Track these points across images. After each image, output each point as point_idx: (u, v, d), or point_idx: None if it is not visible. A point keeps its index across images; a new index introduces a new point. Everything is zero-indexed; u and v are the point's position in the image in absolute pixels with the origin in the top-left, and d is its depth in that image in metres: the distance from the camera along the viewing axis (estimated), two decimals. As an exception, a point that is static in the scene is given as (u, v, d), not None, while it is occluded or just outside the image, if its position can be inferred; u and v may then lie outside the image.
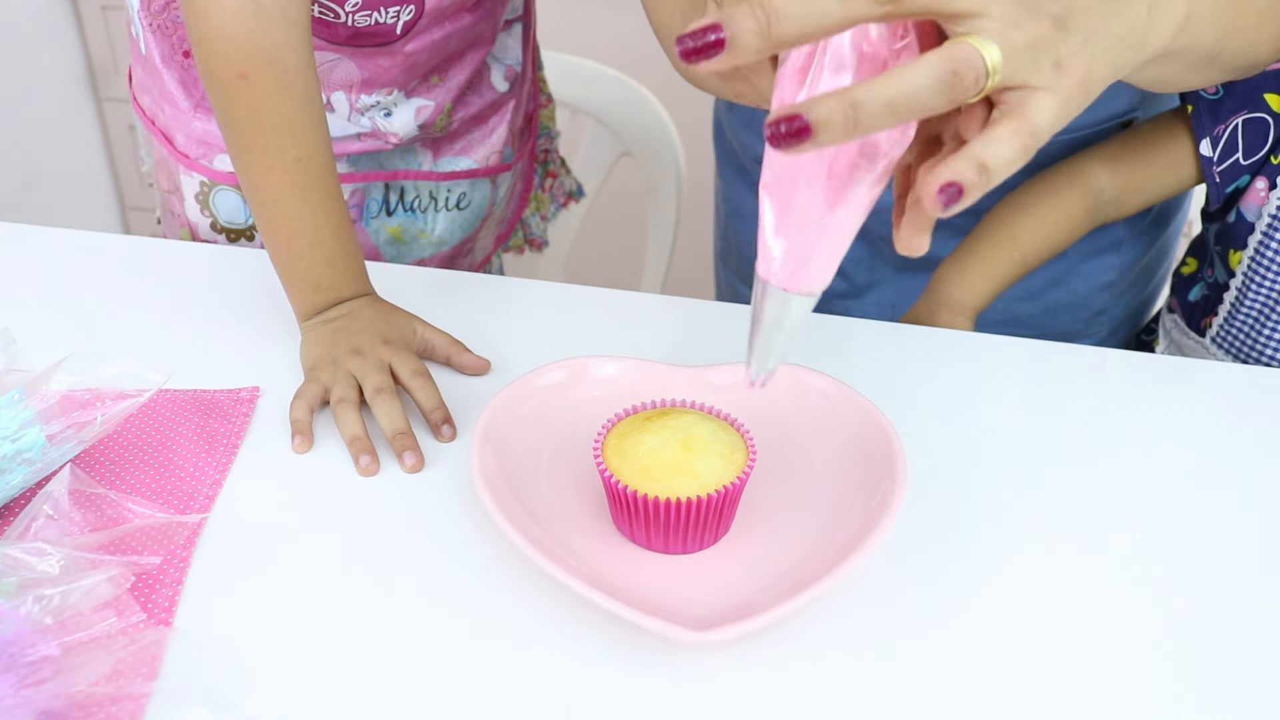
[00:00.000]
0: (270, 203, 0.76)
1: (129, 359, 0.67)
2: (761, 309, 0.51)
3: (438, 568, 0.62)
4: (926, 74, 0.42)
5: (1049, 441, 0.72)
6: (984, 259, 0.89)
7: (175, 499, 0.65)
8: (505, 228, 1.16)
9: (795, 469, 0.66)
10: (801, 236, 0.49)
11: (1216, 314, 0.88)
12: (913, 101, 0.42)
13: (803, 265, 0.49)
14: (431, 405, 0.72)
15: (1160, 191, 0.89)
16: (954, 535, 0.64)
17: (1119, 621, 0.59)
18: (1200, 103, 0.85)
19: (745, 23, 0.42)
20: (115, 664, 0.54)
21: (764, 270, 0.50)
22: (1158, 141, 0.88)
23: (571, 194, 1.24)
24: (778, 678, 0.55)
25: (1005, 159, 0.45)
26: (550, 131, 1.18)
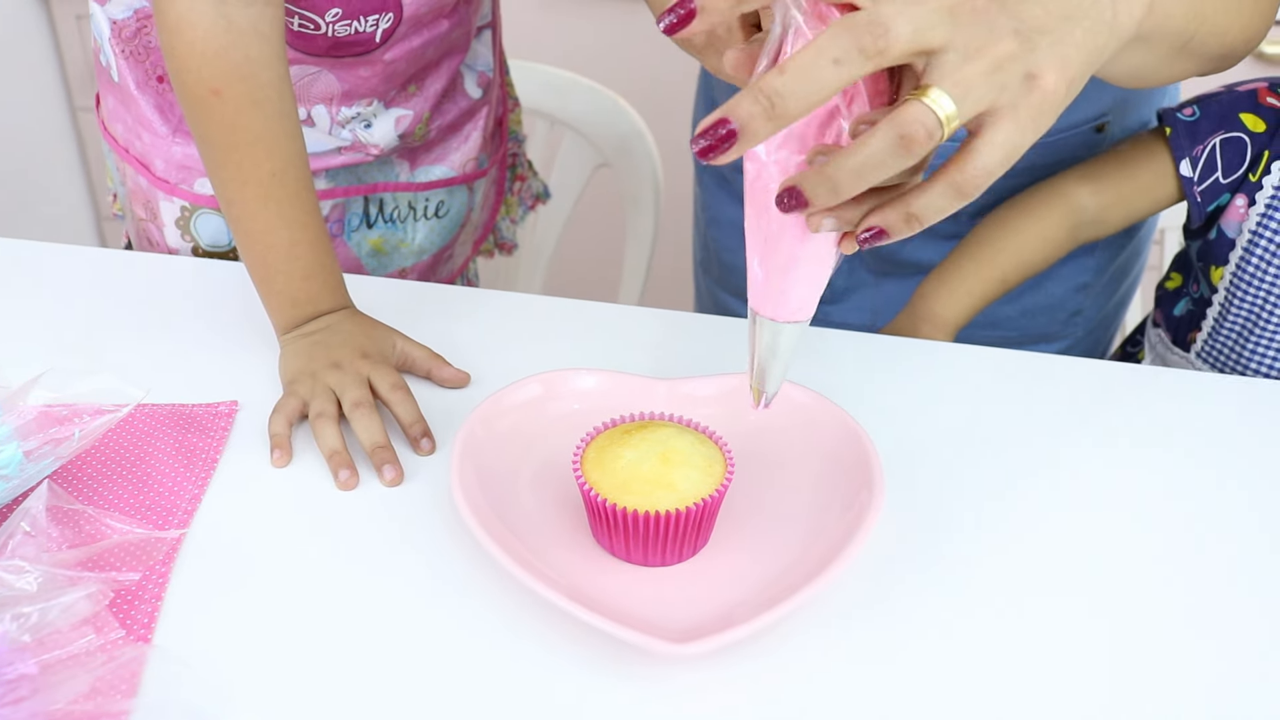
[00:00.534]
0: (246, 218, 0.76)
1: (107, 374, 0.67)
2: (756, 338, 0.55)
3: (417, 581, 0.62)
4: (882, 142, 0.46)
5: (1027, 450, 0.73)
6: (966, 277, 0.90)
7: (154, 514, 0.65)
8: (481, 232, 1.16)
9: (773, 480, 0.66)
10: (782, 270, 0.52)
11: (1201, 329, 0.90)
12: (879, 167, 0.46)
13: (787, 297, 0.53)
14: (410, 419, 0.72)
15: (1141, 210, 0.90)
16: (932, 544, 0.65)
17: (1101, 628, 0.60)
18: (1178, 124, 0.86)
19: (751, 109, 0.45)
20: (94, 682, 0.54)
21: (754, 302, 0.54)
22: (1138, 161, 0.89)
23: (539, 196, 1.24)
24: (758, 689, 0.56)
25: (936, 209, 0.49)
26: (518, 135, 1.19)
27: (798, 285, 0.53)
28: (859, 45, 0.45)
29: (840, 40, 0.45)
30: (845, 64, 0.45)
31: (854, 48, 0.45)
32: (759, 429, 0.68)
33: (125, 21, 0.93)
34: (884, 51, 0.45)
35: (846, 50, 0.45)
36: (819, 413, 0.68)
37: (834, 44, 0.45)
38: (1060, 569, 0.64)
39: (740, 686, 0.56)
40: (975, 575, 0.63)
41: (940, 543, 0.65)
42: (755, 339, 0.55)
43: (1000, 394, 0.78)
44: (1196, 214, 0.87)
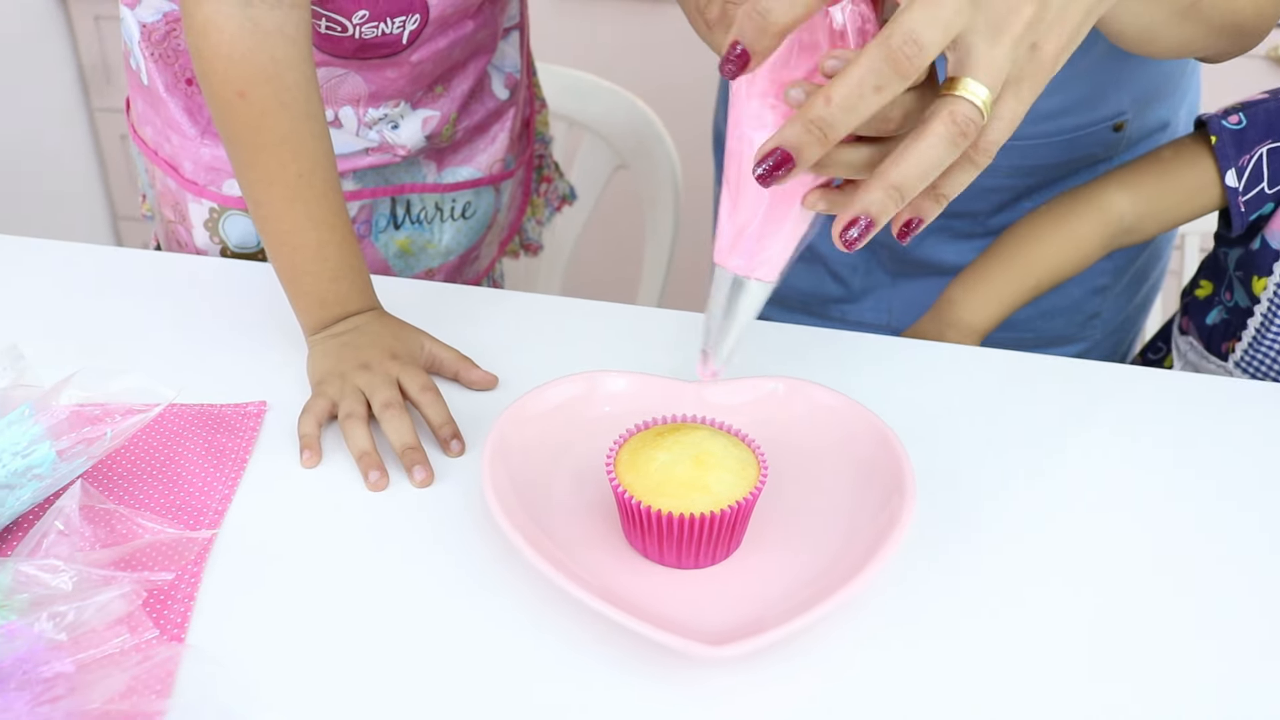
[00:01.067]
0: (273, 218, 0.76)
1: (138, 374, 0.67)
2: (718, 297, 0.55)
3: (448, 582, 0.62)
4: (940, 141, 0.49)
5: (1058, 455, 0.72)
6: (994, 283, 0.89)
7: (185, 514, 0.65)
8: (507, 233, 1.16)
9: (805, 484, 0.66)
10: (754, 223, 0.52)
11: (1240, 339, 0.89)
12: (936, 164, 0.49)
13: (757, 251, 0.53)
14: (440, 420, 0.72)
15: (1179, 219, 0.89)
16: (964, 548, 0.64)
17: (1138, 630, 0.60)
18: (1224, 132, 0.85)
19: (804, 138, 0.48)
20: (129, 681, 0.54)
21: (721, 257, 0.54)
22: (1179, 169, 0.88)
23: (565, 197, 1.24)
24: (791, 692, 0.56)
25: (958, 184, 0.52)
26: (544, 137, 1.19)
27: (773, 241, 0.53)
28: (897, 69, 0.47)
29: (878, 66, 0.47)
30: (886, 90, 0.47)
31: (892, 72, 0.47)
32: (790, 432, 0.68)
33: (154, 25, 0.93)
34: (919, 65, 0.47)
35: (885, 77, 0.47)
36: (850, 417, 0.68)
37: (873, 72, 0.47)
38: (1096, 572, 0.63)
39: (773, 690, 0.56)
40: (1007, 579, 0.63)
41: (972, 546, 0.65)
42: (718, 298, 0.55)
43: (1028, 398, 0.78)
44: (1238, 223, 0.86)
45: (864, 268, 1.06)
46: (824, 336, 0.84)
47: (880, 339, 0.84)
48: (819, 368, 0.80)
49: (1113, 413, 0.77)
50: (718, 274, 0.55)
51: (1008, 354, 0.83)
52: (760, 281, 0.54)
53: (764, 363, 0.79)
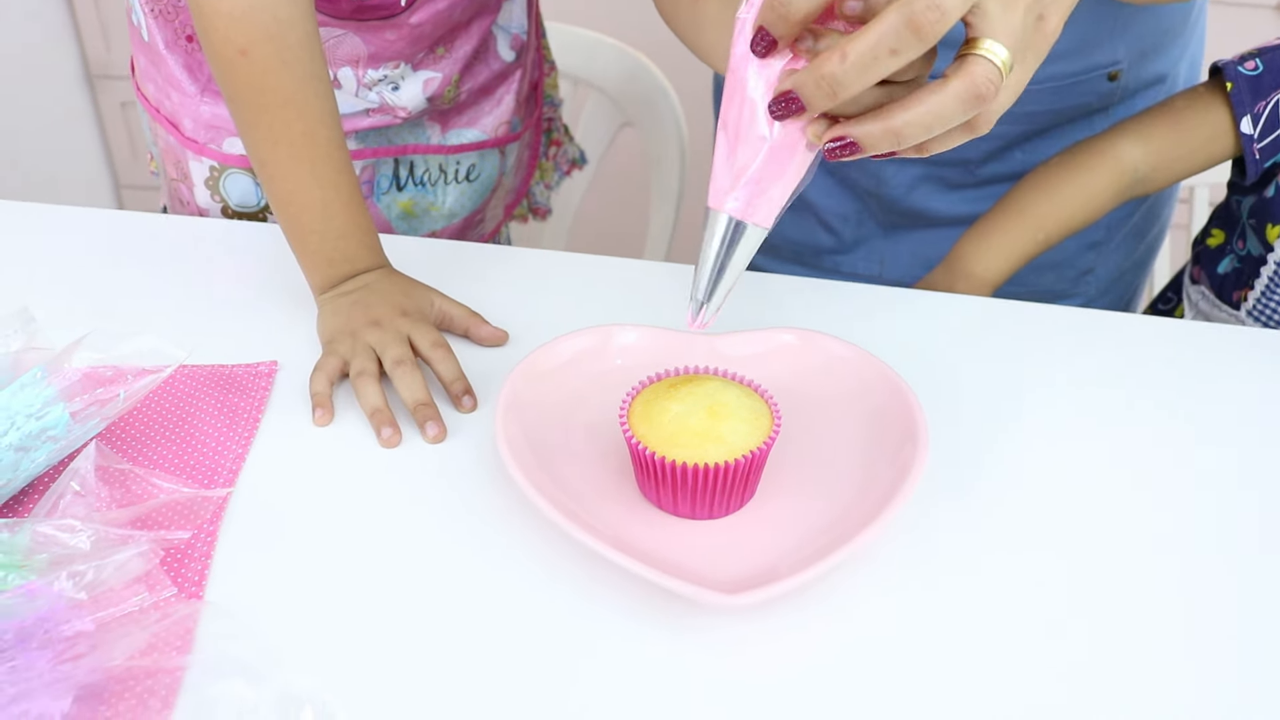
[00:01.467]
0: (279, 178, 0.76)
1: (149, 335, 0.67)
2: (712, 242, 0.55)
3: (463, 536, 0.62)
4: (954, 98, 0.48)
5: (1067, 403, 0.73)
6: (1006, 235, 0.89)
7: (199, 473, 0.66)
8: (514, 197, 1.16)
9: (817, 434, 0.66)
10: (753, 165, 0.52)
11: (1252, 287, 0.88)
12: (944, 120, 0.49)
13: (756, 195, 0.53)
14: (452, 376, 0.72)
15: (1192, 168, 0.88)
16: (976, 496, 0.65)
17: (1152, 572, 0.60)
18: (1240, 79, 0.84)
19: (815, 92, 0.49)
20: (150, 638, 0.55)
21: (716, 201, 0.54)
22: (1193, 118, 0.87)
23: (575, 161, 1.23)
24: (806, 640, 0.56)
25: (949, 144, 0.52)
26: (554, 99, 1.18)
27: (772, 184, 0.53)
28: (917, 33, 0.46)
29: (897, 28, 0.46)
30: (902, 53, 0.47)
31: (912, 36, 0.47)
32: (803, 382, 0.68)
33: (155, -19, 0.93)
34: (939, 30, 0.47)
35: (904, 40, 0.47)
36: (862, 366, 0.68)
37: (892, 34, 0.47)
38: (1108, 518, 0.63)
39: (788, 638, 0.56)
40: (1018, 526, 0.63)
41: (984, 495, 0.65)
42: (711, 243, 0.55)
43: (1036, 348, 0.78)
44: (1253, 170, 0.85)
45: (855, 219, 1.05)
46: (825, 287, 0.84)
47: (883, 290, 0.84)
48: (832, 320, 0.79)
49: (1121, 361, 0.77)
50: (712, 218, 0.55)
51: (1015, 304, 0.83)
52: (756, 227, 0.54)
53: (763, 311, 0.79)
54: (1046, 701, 0.53)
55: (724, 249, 0.55)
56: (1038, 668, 0.55)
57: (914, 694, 0.53)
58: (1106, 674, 0.55)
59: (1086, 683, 0.54)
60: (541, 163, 1.19)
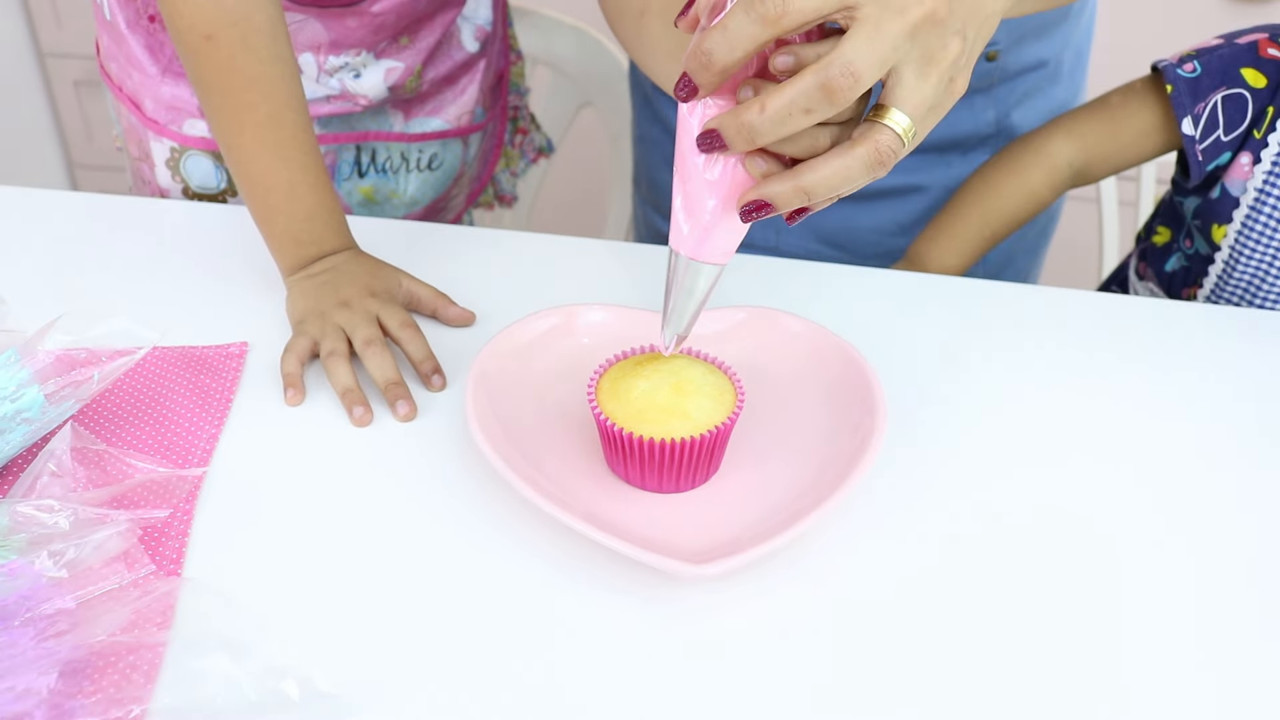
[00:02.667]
0: (245, 161, 0.77)
1: (121, 318, 0.68)
2: (673, 278, 0.58)
3: (435, 511, 0.63)
4: (859, 163, 0.51)
5: (1022, 373, 0.75)
6: (954, 235, 0.93)
7: (174, 453, 0.67)
8: (477, 185, 1.16)
9: (780, 409, 0.68)
10: (701, 214, 0.55)
11: (1201, 285, 0.91)
12: (849, 181, 0.52)
13: (705, 239, 0.55)
14: (421, 356, 0.73)
15: (1131, 161, 0.91)
16: (933, 466, 0.67)
17: (1099, 540, 0.62)
18: (1179, 81, 0.85)
19: (734, 136, 0.51)
20: (131, 615, 0.56)
21: (675, 242, 0.57)
22: (1126, 116, 0.89)
23: (541, 150, 1.24)
24: (770, 607, 0.58)
25: (845, 188, 0.53)
26: (520, 88, 1.18)
27: (723, 231, 0.55)
28: (829, 97, 0.49)
29: (811, 91, 0.49)
30: (815, 113, 0.49)
31: (824, 99, 0.49)
32: (763, 360, 0.70)
33: (117, -41, 0.93)
34: (851, 95, 0.49)
35: (816, 101, 0.49)
36: (821, 344, 0.70)
37: (805, 96, 0.49)
38: (1068, 482, 0.66)
39: (752, 605, 0.58)
40: (975, 494, 0.65)
41: (942, 464, 0.67)
42: (673, 279, 0.58)
43: (997, 324, 0.81)
44: (1196, 173, 0.87)
45: None
46: (795, 269, 0.86)
47: (849, 270, 0.86)
48: (791, 299, 0.81)
49: (1077, 335, 0.80)
50: (671, 258, 0.58)
51: (964, 281, 0.85)
52: (709, 264, 0.57)
53: (729, 293, 0.81)
54: (1011, 662, 0.56)
55: (683, 286, 0.58)
56: (1001, 630, 0.57)
57: (878, 656, 0.56)
58: (1072, 632, 0.57)
59: (1050, 642, 0.57)
60: (507, 150, 1.20)
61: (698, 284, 0.57)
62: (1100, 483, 0.67)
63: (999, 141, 1.01)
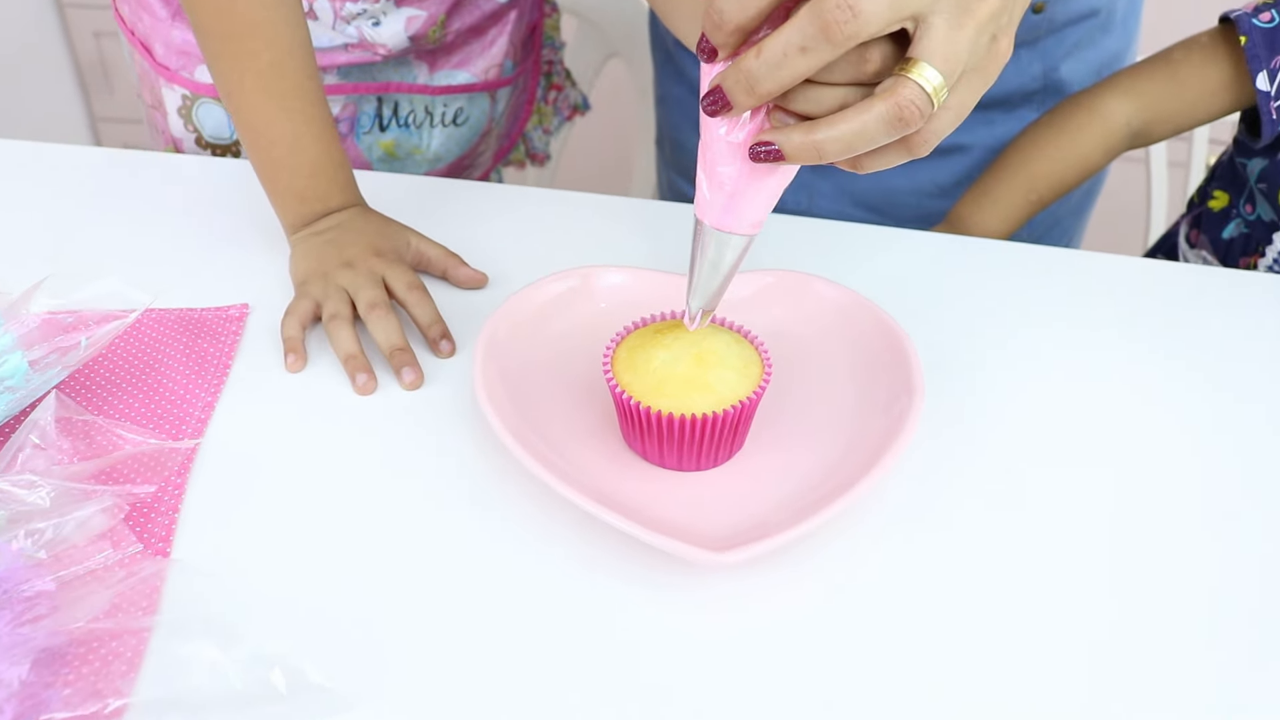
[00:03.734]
0: (246, 110, 0.73)
1: (111, 278, 0.64)
2: (698, 249, 0.53)
3: (440, 488, 0.60)
4: (877, 120, 0.45)
5: (1072, 350, 0.70)
6: (999, 200, 0.87)
7: (166, 423, 0.63)
8: (506, 142, 1.11)
9: (809, 383, 0.64)
10: (725, 181, 0.50)
11: (1263, 254, 0.85)
12: (867, 141, 0.46)
13: (731, 208, 0.50)
14: (428, 320, 0.69)
15: (1194, 122, 0.85)
16: (974, 445, 0.62)
17: (1152, 522, 0.58)
18: (1255, 32, 0.79)
19: (734, 87, 0.46)
20: (114, 598, 0.53)
21: (700, 211, 0.52)
22: (1192, 70, 0.83)
23: (576, 107, 1.19)
24: (797, 599, 0.54)
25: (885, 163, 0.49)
26: (555, 42, 1.13)
27: (745, 194, 0.50)
28: (826, 34, 0.44)
29: (805, 28, 0.44)
30: (812, 54, 0.44)
31: (820, 36, 0.44)
32: (794, 329, 0.66)
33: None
34: (850, 34, 0.44)
35: (812, 40, 0.44)
36: (856, 311, 0.65)
37: (799, 33, 0.44)
38: (1116, 469, 0.61)
39: (778, 597, 0.54)
40: (1020, 477, 0.61)
41: (981, 445, 0.63)
42: (698, 250, 0.53)
43: (1046, 292, 0.76)
44: (1269, 130, 0.80)
45: None
46: (830, 230, 0.81)
47: (886, 231, 0.81)
48: (827, 263, 0.77)
49: (1127, 307, 0.75)
50: (697, 227, 0.53)
51: (1009, 245, 0.80)
52: (737, 235, 0.52)
53: (762, 255, 0.77)
54: (1051, 659, 0.51)
55: (709, 258, 0.53)
56: (1042, 623, 0.53)
57: (912, 655, 0.51)
58: (1117, 625, 0.53)
59: (1093, 636, 0.52)
60: (540, 107, 1.14)
61: (724, 256, 0.52)
62: (1151, 464, 0.62)
63: (1046, 98, 0.95)
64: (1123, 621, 0.53)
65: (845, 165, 0.50)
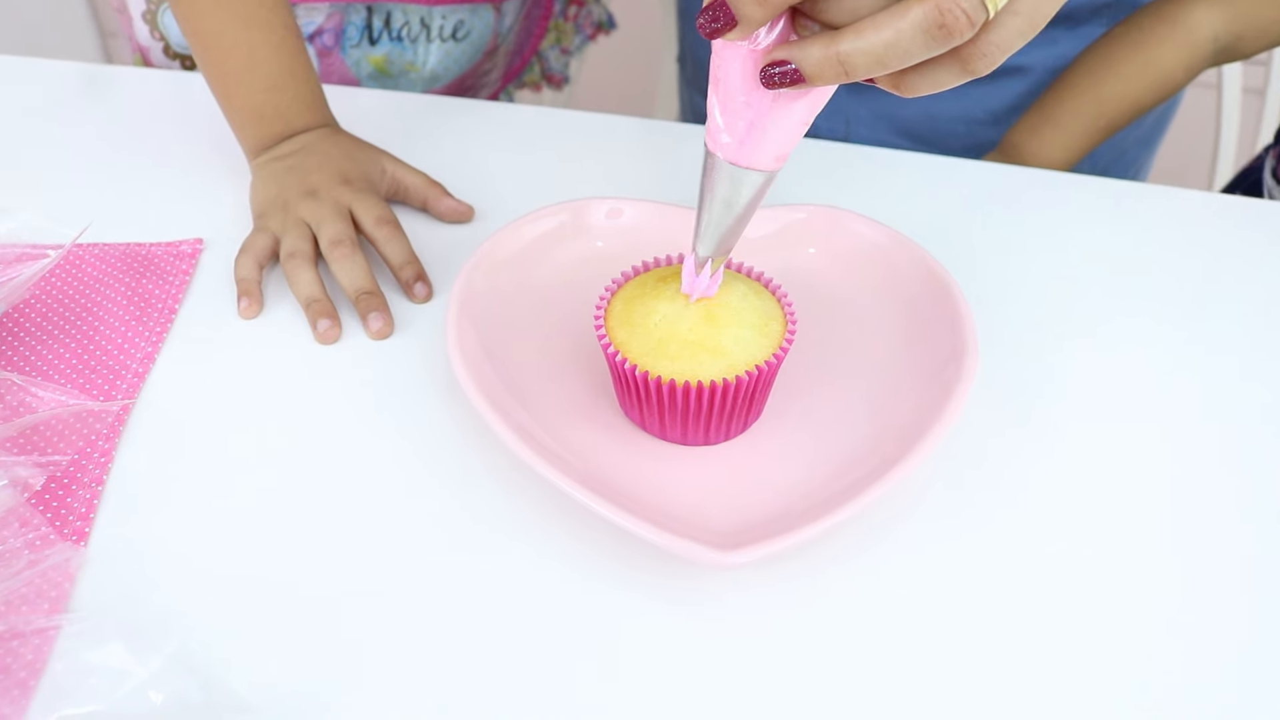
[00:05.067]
0: (197, 16, 0.64)
1: (27, 212, 0.55)
2: (709, 185, 0.44)
3: (407, 453, 0.51)
4: (913, 28, 0.36)
5: (1139, 303, 0.60)
6: (1061, 124, 0.77)
7: (98, 379, 0.55)
8: (518, 61, 1.01)
9: (840, 341, 0.54)
10: (744, 107, 0.41)
11: None
12: (902, 55, 0.37)
13: (749, 137, 0.42)
14: (401, 259, 0.60)
15: None
16: (1030, 427, 0.53)
17: (1230, 537, 0.49)
18: None
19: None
20: (10, 592, 0.45)
21: (710, 141, 0.43)
22: None
23: (601, 25, 1.08)
24: (816, 604, 0.45)
25: (933, 83, 0.39)
26: None
27: (767, 122, 0.41)
28: None
29: None
30: None
31: None
32: (824, 276, 0.56)
33: None
34: None
35: None
36: (898, 256, 0.55)
37: None
38: (1201, 455, 0.52)
39: (793, 601, 0.45)
40: (1082, 464, 0.51)
41: (1041, 424, 0.53)
42: (708, 187, 0.44)
43: (1097, 224, 0.65)
44: None
45: None
46: (867, 156, 0.71)
47: (931, 159, 0.71)
48: (862, 194, 0.67)
49: (1205, 245, 0.64)
50: (707, 160, 0.43)
51: (1069, 177, 0.70)
52: (754, 170, 0.42)
53: (793, 187, 0.67)
54: (1123, 684, 0.43)
55: (720, 195, 0.44)
56: (1109, 637, 0.44)
57: (954, 675, 0.43)
58: (1197, 643, 0.44)
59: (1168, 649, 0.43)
60: (558, 23, 1.04)
61: (739, 194, 0.43)
62: (1238, 441, 0.52)
63: (1118, 11, 0.84)
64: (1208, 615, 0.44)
65: (886, 85, 0.40)
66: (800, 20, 0.38)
